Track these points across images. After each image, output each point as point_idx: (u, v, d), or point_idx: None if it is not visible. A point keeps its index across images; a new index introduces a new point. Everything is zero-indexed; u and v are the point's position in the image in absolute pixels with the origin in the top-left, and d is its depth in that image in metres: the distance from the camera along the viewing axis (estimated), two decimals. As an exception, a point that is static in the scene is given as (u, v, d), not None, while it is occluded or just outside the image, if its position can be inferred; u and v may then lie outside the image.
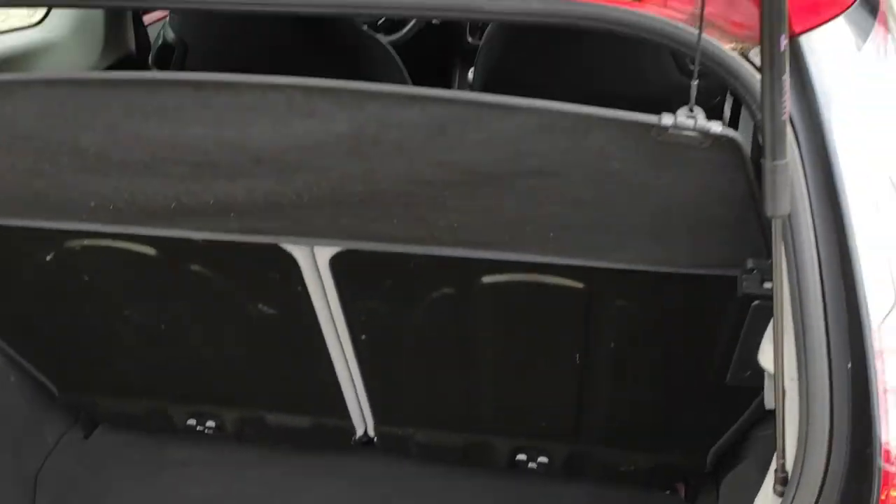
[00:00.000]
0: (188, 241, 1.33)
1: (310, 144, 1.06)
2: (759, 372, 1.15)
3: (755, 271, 1.10)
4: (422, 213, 1.18)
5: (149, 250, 1.40)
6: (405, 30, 2.72)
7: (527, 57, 1.69)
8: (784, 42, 0.79)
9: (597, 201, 1.09)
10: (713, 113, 1.00)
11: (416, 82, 1.64)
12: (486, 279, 1.32)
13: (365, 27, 2.31)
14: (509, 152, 1.04)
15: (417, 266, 1.31)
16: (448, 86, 2.81)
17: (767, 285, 1.08)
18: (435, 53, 2.80)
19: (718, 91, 1.75)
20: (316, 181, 1.13)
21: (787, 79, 0.81)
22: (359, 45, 1.83)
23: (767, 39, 0.80)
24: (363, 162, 1.08)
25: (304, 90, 1.00)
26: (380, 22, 2.72)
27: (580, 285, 1.29)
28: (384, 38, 2.53)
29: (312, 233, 1.27)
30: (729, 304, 1.23)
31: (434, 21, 2.75)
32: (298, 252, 1.34)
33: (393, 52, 1.86)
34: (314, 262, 1.35)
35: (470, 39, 2.82)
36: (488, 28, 1.85)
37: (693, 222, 1.10)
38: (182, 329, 1.59)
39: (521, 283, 1.31)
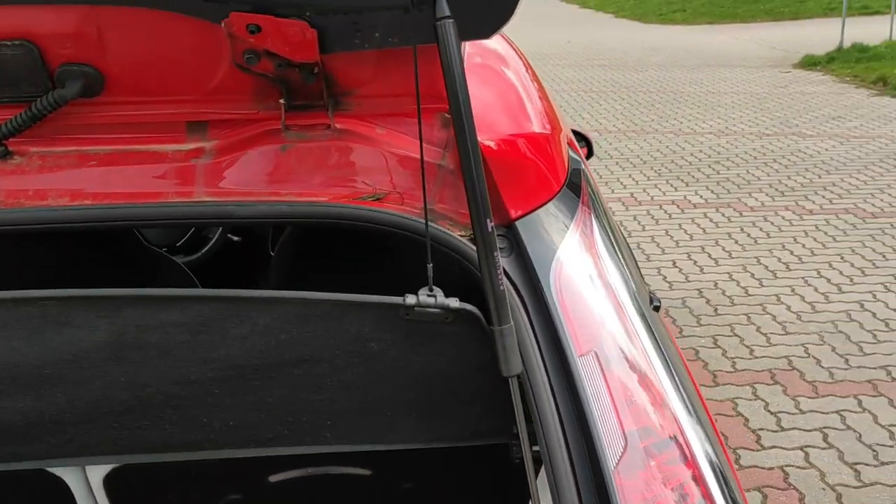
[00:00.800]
0: None
1: (68, 356, 1.05)
2: None
3: None
4: (195, 415, 1.17)
5: None
6: (205, 249, 2.78)
7: (314, 258, 1.79)
8: (490, 224, 0.92)
9: (364, 384, 1.14)
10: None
11: None
12: (273, 478, 1.30)
13: (164, 250, 2.35)
14: (273, 343, 1.08)
15: (200, 473, 1.27)
16: None
17: (536, 447, 1.16)
18: (240, 269, 2.86)
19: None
20: (78, 394, 1.10)
21: (498, 254, 0.93)
22: (146, 264, 1.86)
23: (477, 223, 0.92)
24: (126, 368, 1.08)
25: (59, 301, 1.01)
26: (178, 243, 2.77)
27: (367, 472, 1.31)
28: (183, 259, 2.57)
29: (81, 452, 1.21)
30: (510, 470, 1.28)
31: (235, 238, 2.85)
32: (68, 475, 1.27)
33: (186, 269, 1.90)
34: (87, 484, 1.28)
35: (273, 252, 2.92)
36: (281, 237, 1.95)
37: (456, 394, 1.17)
38: None
39: (308, 477, 1.31)
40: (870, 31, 13.68)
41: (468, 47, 1.45)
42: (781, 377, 3.81)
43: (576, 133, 2.95)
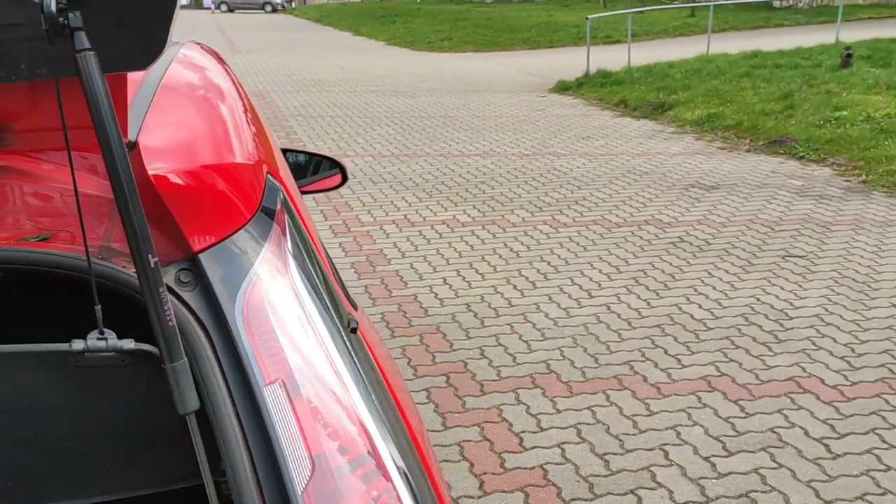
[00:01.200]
0: None
1: None
2: None
3: None
4: None
5: None
6: None
7: (25, 302, 1.65)
8: (153, 260, 0.89)
9: (45, 437, 1.07)
10: None
11: None
12: (-44, 554, 1.17)
13: None
14: None
15: None
16: None
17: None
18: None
19: None
20: None
21: (164, 290, 0.90)
22: None
23: (139, 259, 0.89)
24: None
25: None
26: None
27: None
28: None
29: None
30: None
31: None
32: None
33: None
34: None
35: None
36: None
37: (152, 438, 1.13)
38: None
39: None
40: (612, 58, 15.14)
41: (177, 75, 1.41)
42: (541, 380, 4.06)
43: (330, 160, 2.96)
